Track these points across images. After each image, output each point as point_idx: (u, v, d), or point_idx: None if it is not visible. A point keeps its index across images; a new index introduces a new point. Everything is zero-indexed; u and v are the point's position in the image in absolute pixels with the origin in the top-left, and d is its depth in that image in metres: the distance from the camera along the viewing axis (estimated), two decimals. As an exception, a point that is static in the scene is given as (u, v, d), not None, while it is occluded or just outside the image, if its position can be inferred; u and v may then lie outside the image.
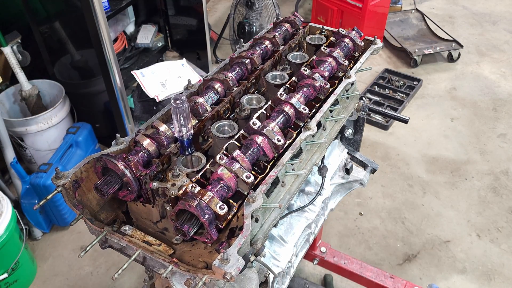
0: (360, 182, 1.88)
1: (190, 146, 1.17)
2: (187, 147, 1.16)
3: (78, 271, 2.61)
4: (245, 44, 1.65)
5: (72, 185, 1.14)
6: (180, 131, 1.13)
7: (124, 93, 2.82)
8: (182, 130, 1.13)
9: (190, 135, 1.15)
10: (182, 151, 1.17)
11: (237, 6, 4.03)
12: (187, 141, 1.15)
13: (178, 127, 1.12)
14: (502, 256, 2.67)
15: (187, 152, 1.17)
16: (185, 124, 1.12)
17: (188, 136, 1.15)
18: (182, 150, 1.17)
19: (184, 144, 1.16)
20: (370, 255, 2.69)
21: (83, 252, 1.06)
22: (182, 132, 1.13)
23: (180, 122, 1.11)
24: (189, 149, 1.17)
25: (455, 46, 4.39)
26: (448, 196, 3.06)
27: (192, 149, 1.18)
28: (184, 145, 1.16)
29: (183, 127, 1.12)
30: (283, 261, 1.45)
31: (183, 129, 1.13)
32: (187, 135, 1.14)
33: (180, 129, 1.12)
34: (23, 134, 2.81)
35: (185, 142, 1.15)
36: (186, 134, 1.14)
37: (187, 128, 1.13)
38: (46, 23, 2.96)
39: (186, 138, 1.14)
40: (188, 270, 1.02)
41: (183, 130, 1.13)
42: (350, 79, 1.48)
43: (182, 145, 1.16)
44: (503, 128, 3.65)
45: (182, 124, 1.11)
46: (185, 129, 1.13)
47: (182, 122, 1.11)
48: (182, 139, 1.15)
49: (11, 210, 2.30)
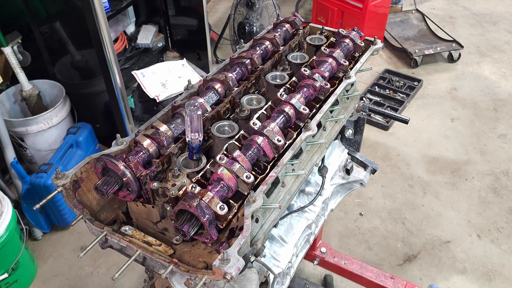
0: (360, 182, 1.88)
1: (199, 151, 1.17)
2: (196, 153, 1.17)
3: (78, 271, 2.61)
4: (245, 44, 1.65)
5: (72, 185, 1.14)
6: (192, 137, 1.13)
7: (124, 93, 2.82)
8: (194, 135, 1.13)
9: (200, 141, 1.15)
10: (190, 155, 1.17)
11: (237, 6, 4.03)
12: (197, 146, 1.15)
13: (190, 132, 1.12)
14: (502, 257, 2.67)
15: (195, 157, 1.17)
16: (198, 130, 1.12)
17: (199, 142, 1.15)
18: (190, 155, 1.17)
19: (194, 149, 1.16)
20: (370, 256, 2.69)
21: (83, 253, 1.06)
22: (193, 137, 1.13)
23: (193, 127, 1.11)
24: (197, 155, 1.17)
25: (455, 47, 4.39)
26: (448, 196, 3.06)
27: (200, 155, 1.18)
28: (194, 151, 1.16)
29: (196, 132, 1.12)
30: (283, 261, 1.45)
31: (195, 135, 1.13)
32: (198, 140, 1.14)
33: (191, 134, 1.12)
34: (23, 134, 2.81)
35: (196, 147, 1.15)
36: (197, 140, 1.14)
37: (199, 134, 1.13)
38: (47, 23, 2.96)
39: (197, 143, 1.14)
40: (188, 271, 1.02)
41: (195, 135, 1.13)
42: (350, 80, 1.48)
43: (191, 150, 1.17)
44: (504, 129, 3.65)
45: (195, 129, 1.11)
46: (197, 135, 1.13)
47: (194, 128, 1.11)
48: (192, 144, 1.15)
49: (12, 210, 2.30)
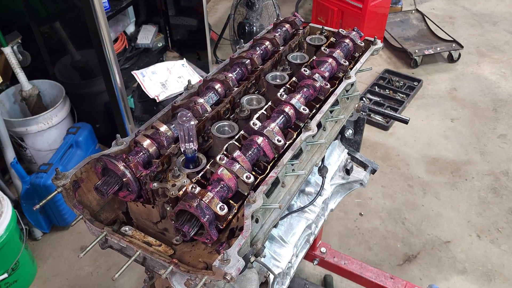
0: (360, 182, 1.88)
1: (194, 162, 1.17)
2: (192, 162, 1.17)
3: (78, 271, 2.61)
4: (245, 44, 1.65)
5: (72, 186, 1.14)
6: (186, 146, 1.13)
7: (124, 93, 2.82)
8: (188, 145, 1.13)
9: (195, 151, 1.15)
10: (186, 166, 1.18)
11: (237, 6, 4.03)
12: (193, 155, 1.16)
13: (184, 142, 1.12)
14: (502, 257, 2.67)
15: (192, 166, 1.17)
16: (190, 140, 1.12)
17: (194, 151, 1.15)
18: (186, 165, 1.18)
19: (188, 159, 1.16)
20: (370, 256, 2.69)
21: (83, 253, 1.06)
22: (188, 147, 1.13)
23: (185, 138, 1.11)
24: (193, 164, 1.17)
25: (455, 47, 4.39)
26: (448, 196, 3.06)
27: (197, 163, 1.18)
28: (188, 160, 1.16)
29: (188, 142, 1.12)
30: (283, 261, 1.45)
31: (190, 145, 1.13)
32: (193, 149, 1.14)
33: (186, 144, 1.13)
34: (23, 134, 2.81)
35: (191, 157, 1.16)
36: (192, 149, 1.14)
37: (194, 143, 1.13)
38: (47, 23, 2.96)
39: (190, 153, 1.15)
40: (188, 271, 1.01)
41: (189, 145, 1.13)
42: (350, 80, 1.48)
43: (187, 160, 1.17)
44: (503, 129, 3.65)
45: (187, 139, 1.12)
46: (191, 144, 1.13)
47: (187, 138, 1.11)
48: (188, 154, 1.15)
49: (11, 210, 2.30)
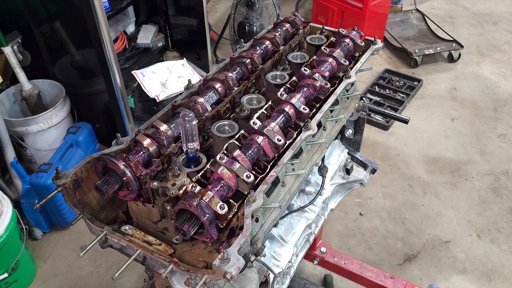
0: (360, 182, 1.88)
1: (195, 161, 1.17)
2: (192, 162, 1.17)
3: (78, 271, 2.61)
4: (245, 44, 1.65)
5: (72, 185, 1.14)
6: (189, 146, 1.13)
7: (124, 93, 2.82)
8: (191, 145, 1.13)
9: (197, 151, 1.15)
10: (188, 165, 1.18)
11: (237, 6, 4.03)
12: (195, 155, 1.16)
13: (185, 142, 1.13)
14: (502, 257, 2.67)
15: (192, 166, 1.17)
16: (192, 140, 1.12)
17: (196, 151, 1.15)
18: (188, 165, 1.18)
19: (190, 158, 1.16)
20: (370, 255, 2.69)
21: (83, 252, 1.06)
22: (190, 147, 1.14)
23: (187, 138, 1.11)
24: (194, 164, 1.17)
25: (455, 47, 4.39)
26: (448, 196, 3.06)
27: (197, 163, 1.18)
28: (190, 160, 1.16)
29: (190, 142, 1.12)
30: (283, 261, 1.45)
31: (192, 144, 1.13)
32: (195, 149, 1.14)
33: (188, 144, 1.13)
34: (23, 134, 2.81)
35: (193, 157, 1.16)
36: (194, 149, 1.14)
37: (196, 143, 1.13)
38: (47, 23, 2.96)
39: (192, 153, 1.15)
40: (188, 270, 1.02)
41: (192, 145, 1.13)
42: (351, 79, 1.48)
43: (188, 159, 1.17)
44: (504, 129, 3.65)
45: (189, 139, 1.12)
46: (193, 144, 1.13)
47: (189, 138, 1.12)
48: (189, 154, 1.15)
49: (11, 210, 2.30)
